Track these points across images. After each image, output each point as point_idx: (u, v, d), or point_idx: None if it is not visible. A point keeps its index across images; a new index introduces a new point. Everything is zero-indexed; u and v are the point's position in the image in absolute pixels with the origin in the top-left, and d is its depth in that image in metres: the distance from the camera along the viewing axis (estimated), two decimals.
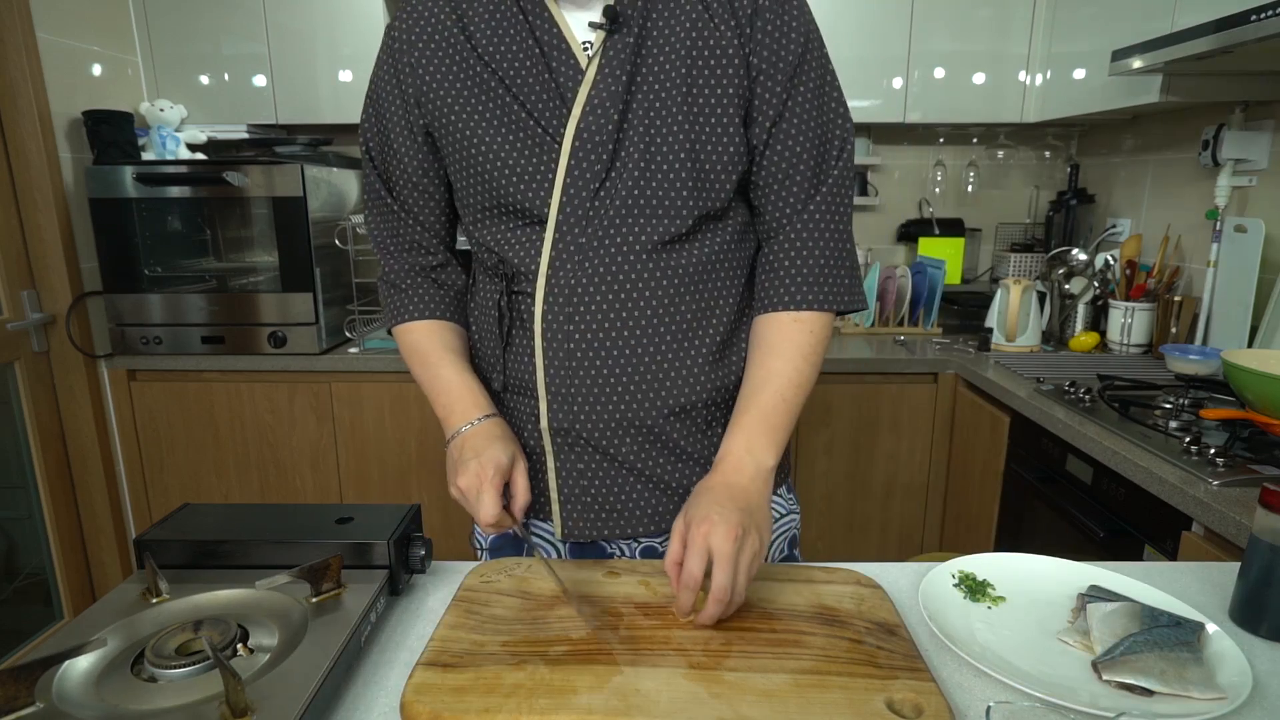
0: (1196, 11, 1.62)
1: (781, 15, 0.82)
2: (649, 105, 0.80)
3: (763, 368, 0.83)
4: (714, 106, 0.80)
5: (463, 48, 0.83)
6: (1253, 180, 1.83)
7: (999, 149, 2.66)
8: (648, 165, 0.80)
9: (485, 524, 0.78)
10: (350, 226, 2.24)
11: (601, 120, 0.79)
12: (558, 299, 0.83)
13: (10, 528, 2.13)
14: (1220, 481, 1.16)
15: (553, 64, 0.81)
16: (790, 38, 0.81)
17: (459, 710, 0.58)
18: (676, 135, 0.80)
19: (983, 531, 1.96)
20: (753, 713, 0.59)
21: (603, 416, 0.85)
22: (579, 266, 0.82)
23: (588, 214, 0.81)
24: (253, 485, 2.28)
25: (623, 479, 0.88)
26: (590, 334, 0.83)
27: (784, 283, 0.85)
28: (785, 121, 0.82)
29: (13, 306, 2.07)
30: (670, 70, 0.80)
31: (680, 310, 0.84)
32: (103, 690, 0.59)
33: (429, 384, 0.89)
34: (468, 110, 0.82)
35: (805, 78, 0.82)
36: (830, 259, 0.85)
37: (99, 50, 2.23)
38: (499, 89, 0.81)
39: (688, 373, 0.85)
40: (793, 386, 0.82)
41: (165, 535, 0.77)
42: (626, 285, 0.82)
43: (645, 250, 0.82)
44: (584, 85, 0.80)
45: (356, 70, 2.32)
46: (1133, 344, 2.07)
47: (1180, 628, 0.69)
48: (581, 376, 0.84)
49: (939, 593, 0.79)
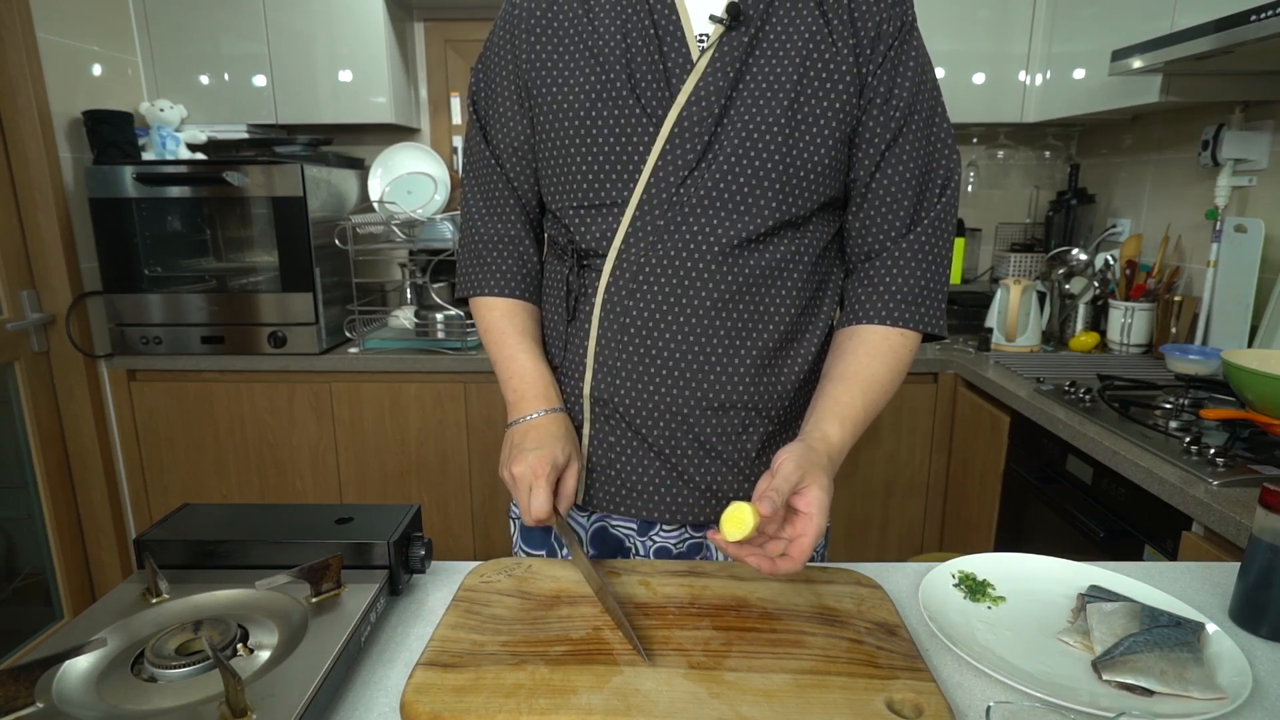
0: (1196, 11, 1.62)
1: (904, 47, 0.83)
2: (751, 105, 0.80)
3: (858, 362, 0.84)
4: (817, 118, 0.81)
5: (580, 19, 0.84)
6: (1253, 180, 1.83)
7: (999, 149, 2.65)
8: (738, 162, 0.81)
9: (533, 518, 0.80)
10: (350, 226, 2.24)
11: (703, 113, 0.80)
12: (623, 274, 0.85)
13: (10, 528, 2.13)
14: (1220, 481, 1.16)
15: (665, 49, 0.82)
16: (910, 67, 0.83)
17: (459, 710, 0.58)
18: (774, 138, 0.80)
19: (983, 531, 1.96)
20: (753, 713, 0.59)
21: (641, 395, 0.86)
22: (651, 248, 0.83)
23: (670, 200, 0.82)
24: (253, 485, 2.28)
25: (649, 461, 0.89)
26: (647, 314, 0.84)
27: (883, 298, 0.86)
28: (897, 147, 0.84)
29: (13, 306, 2.07)
30: (780, 74, 0.80)
31: (738, 309, 0.84)
32: (103, 690, 0.59)
33: (503, 366, 0.91)
34: (573, 81, 0.84)
35: (921, 107, 0.84)
36: (930, 283, 0.86)
37: (99, 50, 2.23)
38: (608, 66, 0.82)
39: (733, 371, 0.85)
40: (881, 389, 0.83)
41: (165, 535, 0.77)
42: (692, 274, 0.83)
43: (718, 245, 0.83)
44: (693, 75, 0.81)
45: (356, 70, 2.32)
46: (1133, 344, 2.07)
47: (1180, 628, 0.69)
48: (630, 353, 0.86)
49: (939, 593, 0.79)
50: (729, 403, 0.86)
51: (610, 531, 0.94)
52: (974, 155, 2.68)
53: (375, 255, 2.64)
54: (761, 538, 0.70)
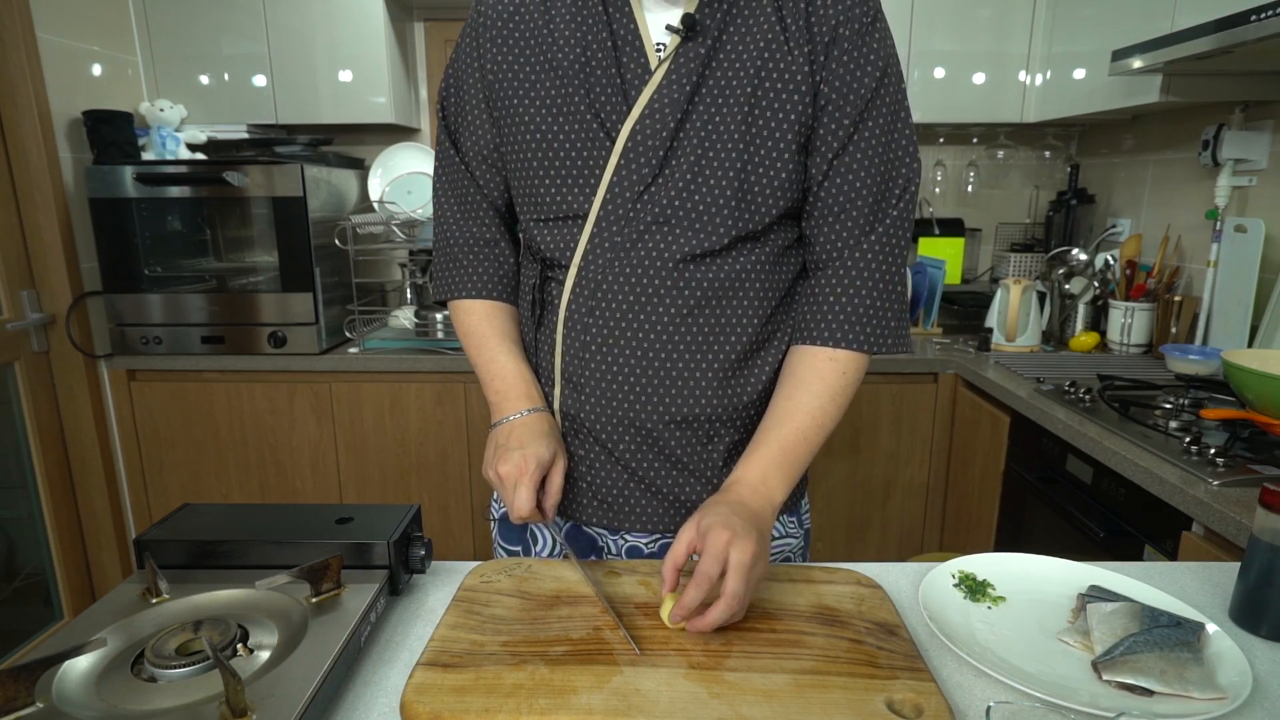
0: (1196, 11, 1.62)
1: (860, 47, 0.80)
2: (707, 118, 0.79)
3: (790, 400, 0.83)
4: (771, 131, 0.79)
5: (540, 29, 0.83)
6: (1253, 180, 1.83)
7: (999, 149, 2.65)
8: (694, 178, 0.80)
9: (517, 516, 0.80)
10: (350, 226, 2.24)
11: (658, 126, 0.79)
12: (584, 289, 0.84)
13: (10, 528, 2.13)
14: (1220, 481, 1.16)
15: (623, 58, 0.81)
16: (866, 70, 0.80)
17: (459, 710, 0.58)
18: (729, 153, 0.79)
19: (983, 531, 1.96)
20: (753, 713, 0.59)
21: (606, 411, 0.86)
22: (610, 264, 0.83)
23: (627, 216, 0.82)
24: (253, 485, 2.28)
25: (617, 474, 0.89)
26: (608, 330, 0.84)
27: (825, 318, 0.84)
28: (848, 155, 0.81)
29: (13, 306, 2.07)
30: (735, 87, 0.79)
31: (699, 323, 0.84)
32: (103, 690, 0.59)
33: (484, 367, 0.91)
34: (533, 94, 0.83)
35: (876, 112, 0.81)
36: (877, 300, 0.83)
37: (99, 50, 2.23)
38: (566, 79, 0.81)
39: (695, 385, 0.85)
40: (815, 426, 0.82)
41: (165, 535, 0.77)
42: (650, 290, 0.83)
43: (676, 259, 0.82)
44: (648, 87, 0.79)
45: (356, 70, 2.32)
46: (1133, 344, 2.07)
47: (1180, 628, 0.69)
48: (594, 369, 0.85)
49: (939, 593, 0.79)
50: (693, 416, 0.86)
51: (583, 530, 0.95)
52: (974, 155, 2.68)
53: (375, 255, 2.63)
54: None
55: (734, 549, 0.68)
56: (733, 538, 0.69)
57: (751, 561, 0.68)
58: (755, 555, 0.69)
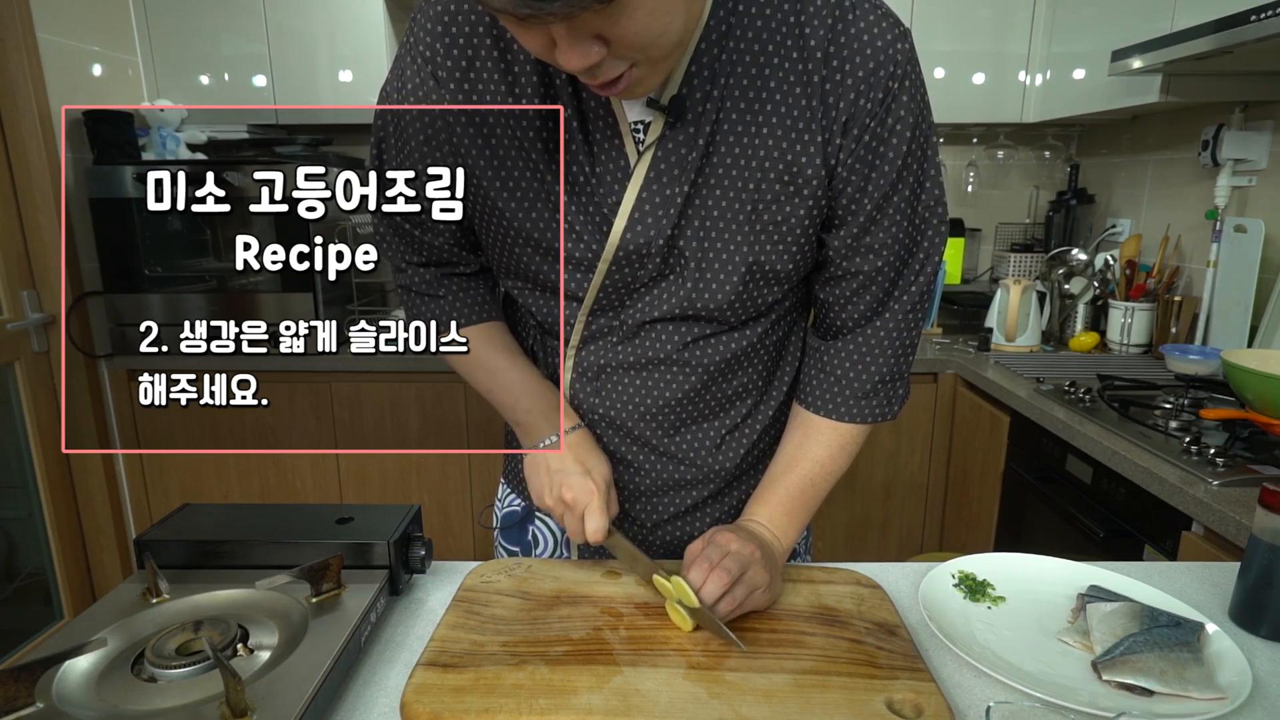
0: (1196, 11, 1.62)
1: (884, 120, 0.68)
2: (708, 218, 0.71)
3: (800, 449, 0.82)
4: (780, 224, 0.72)
5: (501, 92, 0.71)
6: (1252, 180, 1.83)
7: (999, 149, 2.65)
8: (700, 278, 0.74)
9: (595, 540, 0.76)
10: (350, 226, 2.24)
11: (650, 232, 0.71)
12: (585, 373, 0.83)
13: (10, 528, 2.13)
14: (1220, 481, 1.16)
15: (595, 150, 0.70)
16: (891, 144, 0.69)
17: (459, 710, 0.58)
18: (740, 248, 0.72)
19: (983, 531, 1.96)
20: (753, 713, 0.59)
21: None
22: (611, 349, 0.80)
23: (625, 308, 0.78)
24: (253, 485, 2.28)
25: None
26: (614, 413, 0.83)
27: (833, 392, 0.81)
28: (870, 235, 0.74)
29: (13, 306, 2.07)
30: (739, 183, 0.70)
31: (703, 399, 0.83)
32: (103, 690, 0.59)
33: (504, 390, 0.84)
34: (502, 175, 0.73)
35: (903, 184, 0.72)
36: (889, 372, 0.80)
37: (99, 50, 2.23)
38: (535, 166, 0.72)
39: (693, 454, 0.85)
40: (825, 475, 0.82)
41: (165, 535, 0.77)
42: (655, 374, 0.81)
43: (682, 344, 0.79)
44: (630, 190, 0.70)
45: (356, 70, 2.32)
46: (1133, 344, 2.07)
47: (1180, 628, 0.69)
48: (596, 438, 0.85)
49: (939, 593, 0.79)
50: (684, 480, 0.86)
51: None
52: (974, 155, 2.67)
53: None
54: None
55: (735, 544, 0.71)
56: (735, 538, 0.71)
57: (749, 556, 0.70)
58: (754, 555, 0.70)
